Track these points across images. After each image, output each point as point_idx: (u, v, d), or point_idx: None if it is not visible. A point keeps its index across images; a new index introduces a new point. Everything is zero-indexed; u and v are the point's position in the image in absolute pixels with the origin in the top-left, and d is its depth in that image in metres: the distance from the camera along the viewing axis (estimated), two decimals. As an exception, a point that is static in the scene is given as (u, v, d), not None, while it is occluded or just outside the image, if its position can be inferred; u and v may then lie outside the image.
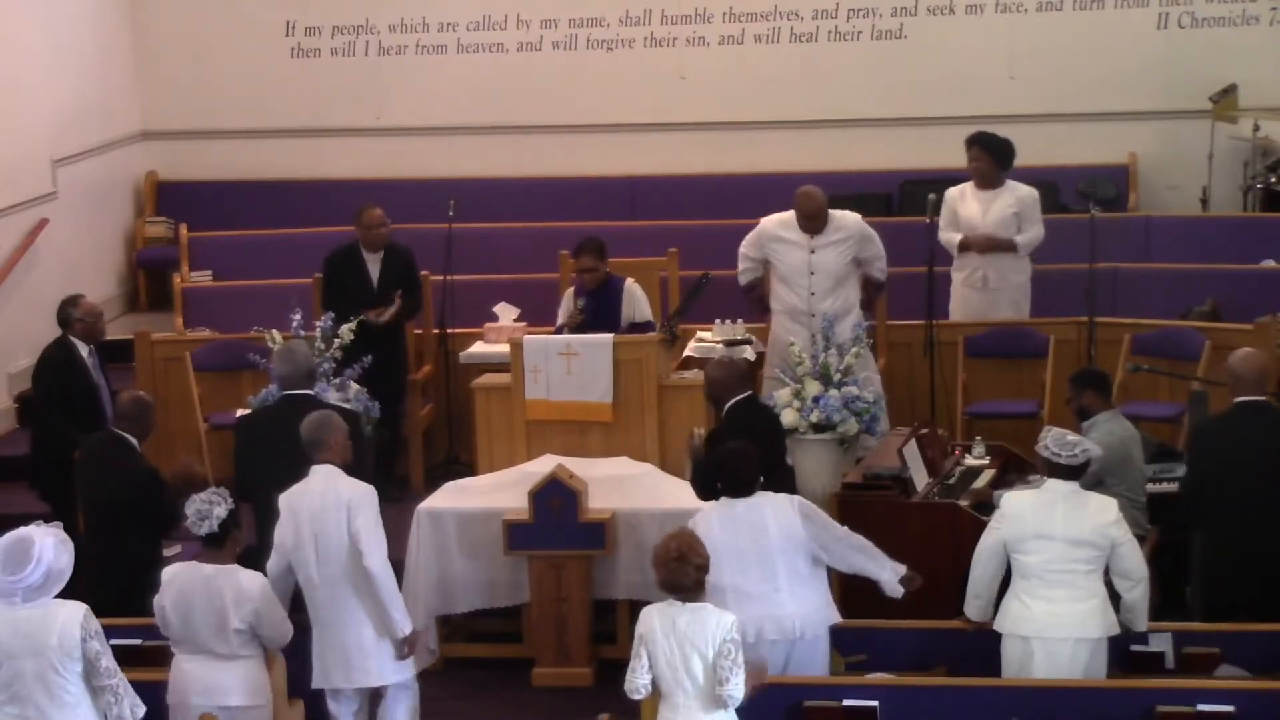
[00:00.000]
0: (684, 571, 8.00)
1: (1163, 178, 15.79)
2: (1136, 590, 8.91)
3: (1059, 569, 8.81)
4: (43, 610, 7.82)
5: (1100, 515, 8.91)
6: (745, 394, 10.28)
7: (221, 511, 8.70)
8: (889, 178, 15.14)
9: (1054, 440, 9.06)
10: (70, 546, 7.95)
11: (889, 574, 9.16)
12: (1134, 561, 8.91)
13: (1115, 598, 8.95)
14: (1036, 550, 8.83)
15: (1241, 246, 14.26)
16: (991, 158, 13.09)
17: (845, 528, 9.23)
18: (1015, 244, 13.01)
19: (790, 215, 12.48)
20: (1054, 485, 9.00)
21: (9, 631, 7.81)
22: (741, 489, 9.07)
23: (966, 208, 13.03)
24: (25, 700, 7.80)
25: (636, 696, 8.07)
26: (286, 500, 9.17)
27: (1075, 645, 8.77)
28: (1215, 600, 9.78)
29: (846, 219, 12.47)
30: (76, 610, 7.88)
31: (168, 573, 8.80)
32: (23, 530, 7.92)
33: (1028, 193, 13.10)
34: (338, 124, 16.56)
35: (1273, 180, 15.13)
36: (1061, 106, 15.77)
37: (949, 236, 13.00)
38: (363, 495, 9.10)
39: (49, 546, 7.84)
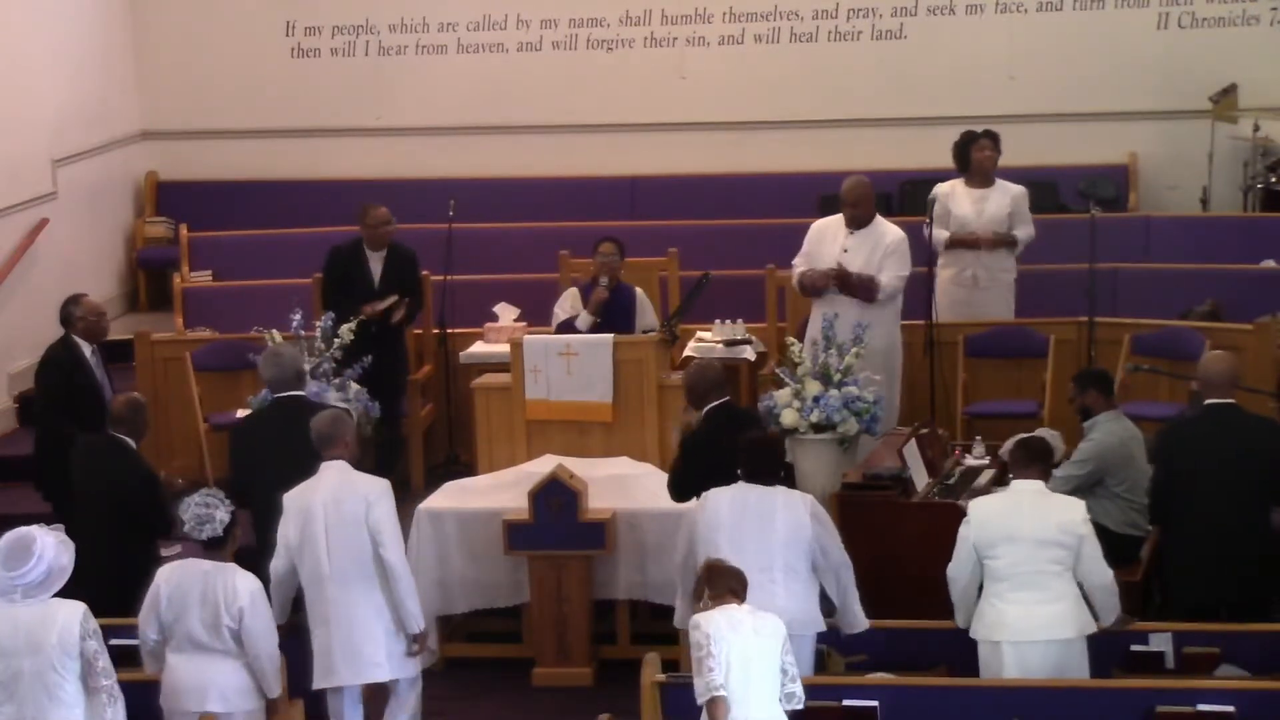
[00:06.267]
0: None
1: (1163, 178, 15.79)
2: (1097, 594, 8.85)
3: (1029, 570, 8.76)
4: (43, 609, 7.87)
5: (1066, 513, 8.87)
6: (722, 399, 10.08)
7: (224, 515, 8.70)
8: (889, 178, 15.12)
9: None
10: (71, 547, 8.02)
11: (857, 609, 9.16)
12: (1094, 565, 8.82)
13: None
14: (1005, 553, 8.80)
15: (1241, 246, 14.26)
16: (997, 155, 13.09)
17: (845, 552, 9.20)
18: (1017, 240, 13.02)
19: (839, 217, 12.35)
20: (1019, 485, 8.99)
21: (8, 630, 7.85)
22: (762, 478, 9.08)
23: (959, 205, 13.01)
24: (23, 699, 7.85)
25: (710, 696, 7.84)
26: (294, 498, 9.18)
27: (1046, 647, 8.74)
28: (1180, 600, 9.78)
29: (890, 231, 12.24)
30: (76, 609, 7.91)
31: (164, 570, 8.79)
32: (24, 529, 7.98)
33: (1020, 191, 13.11)
34: (338, 124, 16.56)
35: (1273, 180, 15.13)
36: (1061, 106, 15.77)
37: (939, 234, 12.95)
38: (380, 488, 9.18)
39: (50, 545, 7.91)
